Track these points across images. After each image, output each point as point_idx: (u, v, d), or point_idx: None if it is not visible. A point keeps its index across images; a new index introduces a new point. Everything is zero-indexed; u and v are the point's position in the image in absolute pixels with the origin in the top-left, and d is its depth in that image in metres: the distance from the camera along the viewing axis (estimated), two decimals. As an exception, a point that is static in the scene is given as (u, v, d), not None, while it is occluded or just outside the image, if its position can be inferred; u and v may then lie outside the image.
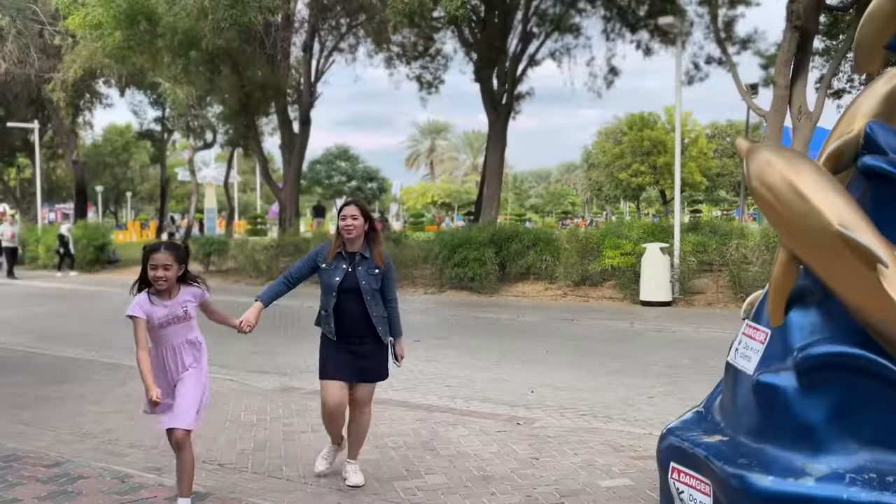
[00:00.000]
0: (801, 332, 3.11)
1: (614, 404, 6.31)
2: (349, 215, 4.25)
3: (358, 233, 4.25)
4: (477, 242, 15.34)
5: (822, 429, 2.86)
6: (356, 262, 4.25)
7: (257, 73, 20.20)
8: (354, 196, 54.85)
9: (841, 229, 2.77)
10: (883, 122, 3.36)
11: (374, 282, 4.25)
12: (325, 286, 4.27)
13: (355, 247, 4.27)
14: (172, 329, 3.82)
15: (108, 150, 49.19)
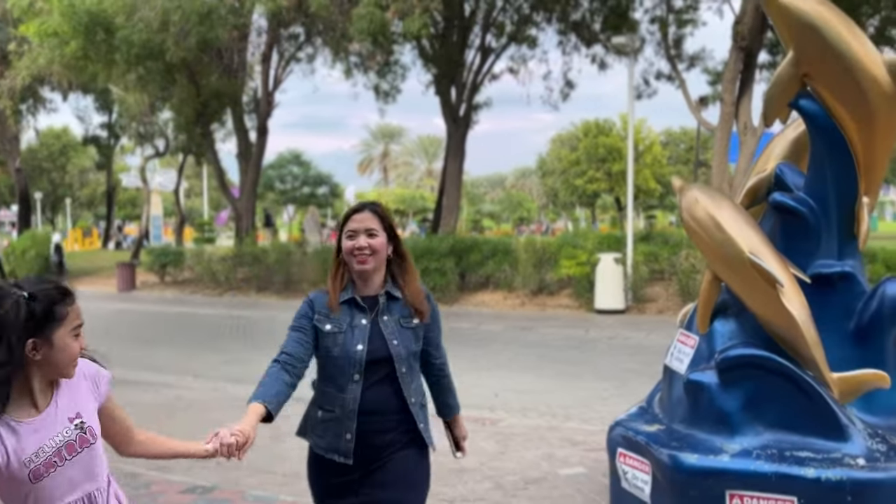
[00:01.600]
0: (722, 338, 3.91)
1: (572, 405, 7.09)
2: (363, 230, 2.59)
3: (379, 261, 2.62)
4: (437, 253, 16.06)
5: (736, 416, 3.65)
6: (380, 309, 2.63)
7: (214, 83, 20.63)
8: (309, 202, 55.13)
9: (750, 256, 3.56)
10: (791, 163, 4.20)
11: (412, 341, 2.66)
12: (334, 361, 2.60)
13: (374, 285, 2.65)
14: (61, 475, 1.95)
15: (45, 154, 48.41)
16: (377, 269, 2.64)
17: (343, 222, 2.67)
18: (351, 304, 2.63)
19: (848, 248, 3.92)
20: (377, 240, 2.60)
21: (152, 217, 38.62)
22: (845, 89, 3.64)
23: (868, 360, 3.76)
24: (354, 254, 2.58)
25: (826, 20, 3.60)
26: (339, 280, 2.66)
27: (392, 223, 2.70)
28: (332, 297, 2.63)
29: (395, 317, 2.65)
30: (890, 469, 3.35)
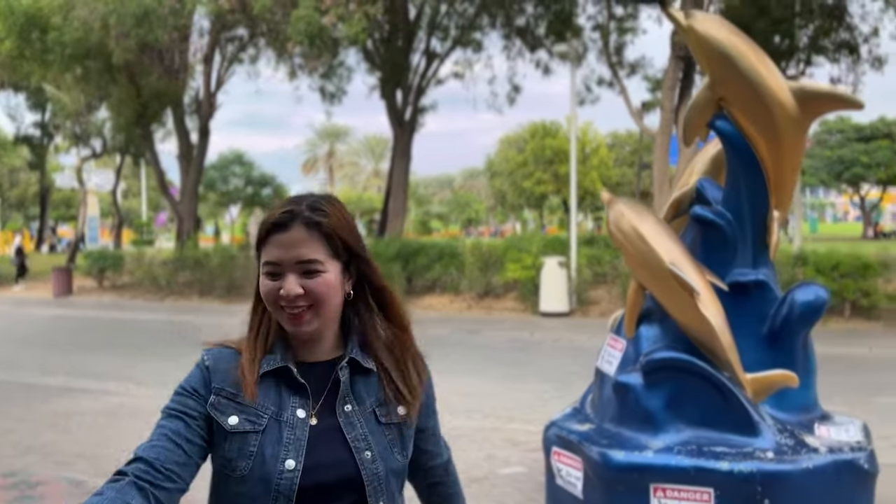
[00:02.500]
0: (647, 342, 4.26)
1: (514, 406, 7.41)
2: (292, 262, 1.44)
3: (327, 317, 1.49)
4: (384, 257, 16.28)
5: (659, 415, 3.99)
6: (339, 392, 1.51)
7: (154, 83, 20.48)
8: (252, 203, 54.57)
9: (670, 266, 3.91)
10: (711, 178, 4.58)
11: (398, 449, 1.56)
12: (239, 487, 1.44)
13: (324, 346, 1.54)
14: None
15: (-33, 152, 47.05)
16: (326, 326, 1.49)
17: (258, 243, 1.47)
18: (280, 381, 1.47)
19: (761, 258, 4.30)
20: (321, 279, 1.42)
21: (88, 219, 37.91)
22: (756, 112, 4.01)
23: (780, 361, 4.14)
24: (282, 306, 1.42)
25: (739, 49, 3.98)
26: (262, 339, 1.50)
27: (351, 237, 1.48)
28: (247, 368, 1.45)
29: (365, 405, 1.50)
30: (796, 461, 3.72)
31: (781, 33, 18.36)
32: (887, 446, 5.71)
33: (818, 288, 4.23)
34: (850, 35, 20.09)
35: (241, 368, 1.47)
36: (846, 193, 49.41)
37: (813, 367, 4.39)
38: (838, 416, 4.37)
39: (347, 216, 1.54)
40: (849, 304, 12.75)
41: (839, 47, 20.03)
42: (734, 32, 4.04)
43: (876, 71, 20.24)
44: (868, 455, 3.80)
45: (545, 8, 20.27)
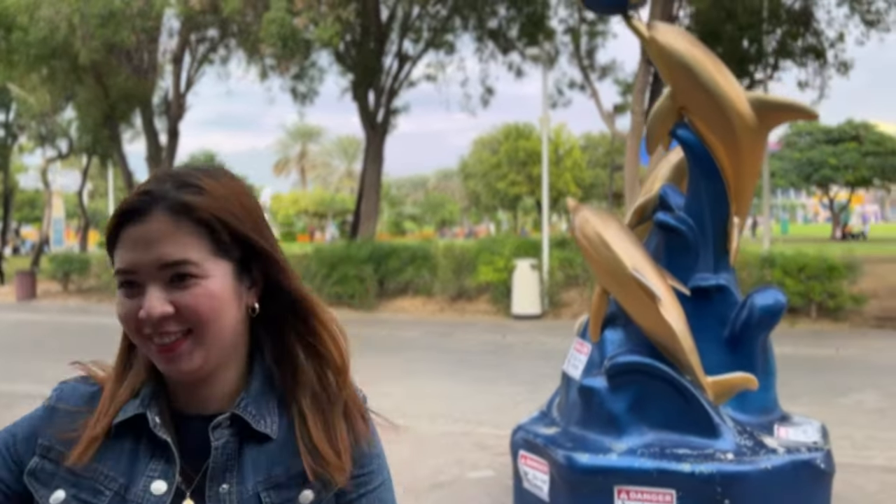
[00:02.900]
0: (611, 346, 4.36)
1: (485, 410, 7.50)
2: (154, 265, 0.96)
3: (214, 338, 0.99)
4: (356, 259, 16.31)
5: (623, 418, 4.09)
6: (212, 469, 1.00)
7: (123, 84, 20.32)
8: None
9: (633, 272, 4.01)
10: (674, 185, 4.70)
11: None
12: None
13: (220, 391, 1.04)
14: None
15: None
16: (223, 364, 1.04)
17: (108, 243, 1.03)
18: (140, 439, 1.03)
19: (722, 263, 4.42)
20: (199, 290, 0.98)
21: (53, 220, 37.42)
22: (715, 122, 4.14)
23: (740, 364, 4.27)
24: (147, 334, 0.99)
25: (698, 60, 4.10)
26: (130, 376, 1.07)
27: (244, 223, 1.03)
28: (94, 418, 1.03)
29: (246, 486, 1.02)
30: (755, 462, 3.84)
31: (750, 38, 18.67)
32: (849, 446, 5.88)
33: (776, 292, 4.37)
34: (816, 40, 20.49)
35: (91, 418, 1.02)
36: (816, 195, 50.23)
37: (772, 370, 4.53)
38: (797, 417, 4.51)
39: (240, 192, 1.03)
40: (815, 305, 13.02)
41: (806, 52, 20.42)
42: (694, 44, 4.17)
43: (842, 75, 20.67)
44: (825, 455, 3.93)
45: (517, 10, 20.43)
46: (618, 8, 4.34)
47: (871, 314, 13.19)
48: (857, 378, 8.93)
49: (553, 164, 49.89)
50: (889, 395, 7.95)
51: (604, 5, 4.44)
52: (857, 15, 20.21)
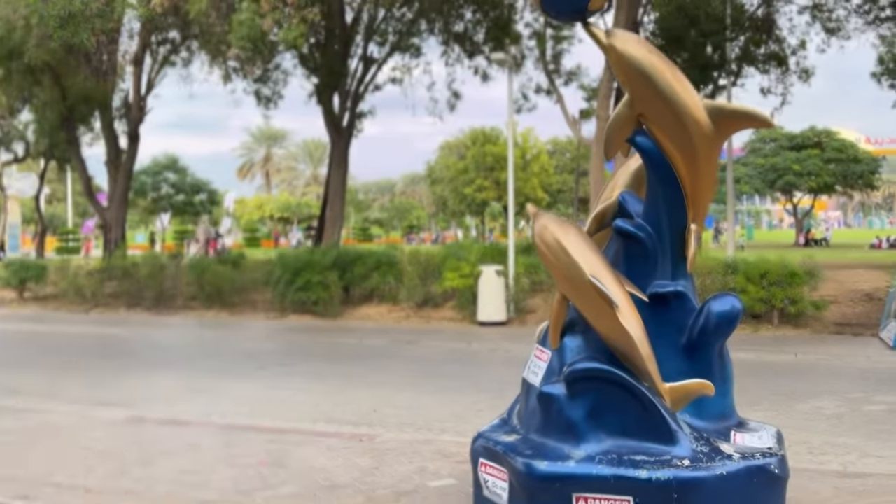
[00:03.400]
0: (570, 353, 4.40)
1: (447, 418, 7.50)
2: None
3: None
4: (320, 266, 16.23)
5: (582, 425, 4.13)
6: None
7: (81, 85, 20.02)
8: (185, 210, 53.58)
9: (591, 278, 4.05)
10: (633, 192, 4.76)
11: None
12: None
13: None
14: None
15: None
16: None
17: None
18: None
19: (680, 270, 4.49)
20: None
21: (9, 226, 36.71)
22: (673, 129, 4.19)
23: (697, 370, 4.33)
24: None
25: (657, 68, 4.15)
26: None
27: None
28: None
29: None
30: (710, 468, 3.89)
31: (713, 45, 18.96)
32: (805, 451, 5.99)
33: (733, 299, 4.44)
34: (778, 47, 20.89)
35: None
36: (780, 201, 51.11)
37: (729, 376, 4.59)
38: (753, 423, 4.58)
39: None
40: (777, 311, 13.24)
41: (768, 59, 20.80)
42: (652, 51, 4.22)
43: (803, 83, 21.09)
44: (779, 460, 4.00)
45: (483, 14, 20.55)
46: (577, 15, 4.38)
47: (831, 320, 13.45)
48: (815, 384, 9.10)
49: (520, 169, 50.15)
50: (847, 400, 8.11)
51: (563, 12, 4.47)
52: (818, 23, 20.67)
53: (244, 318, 17.00)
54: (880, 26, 20.17)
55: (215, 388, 9.28)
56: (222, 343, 13.39)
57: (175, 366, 10.97)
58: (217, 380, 9.82)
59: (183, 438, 6.71)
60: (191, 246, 36.79)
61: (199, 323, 16.38)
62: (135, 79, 22.14)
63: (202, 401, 8.53)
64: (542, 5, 4.32)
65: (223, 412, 7.94)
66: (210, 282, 17.82)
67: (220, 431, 7.01)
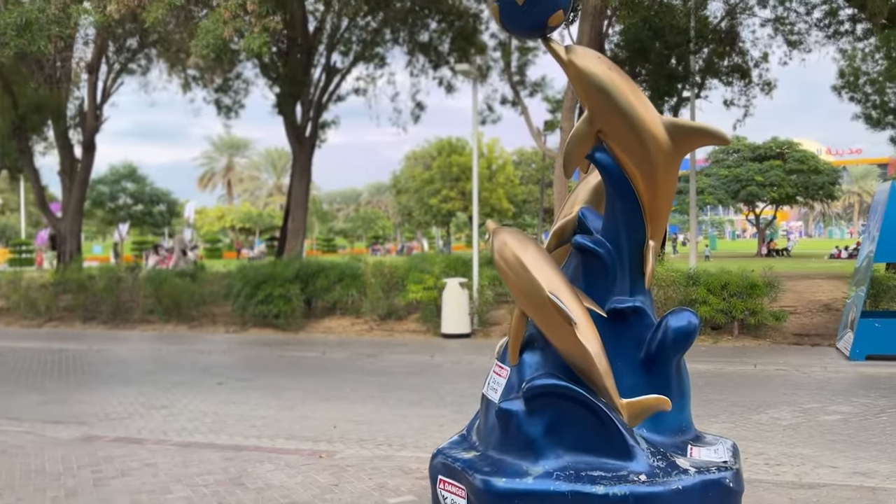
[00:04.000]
0: (529, 369, 4.44)
1: (408, 433, 7.51)
2: None
3: None
4: (282, 278, 16.13)
5: (540, 441, 4.17)
6: None
7: (33, 93, 19.70)
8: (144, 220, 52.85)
9: (549, 295, 4.10)
10: (592, 208, 4.83)
11: None
12: None
13: None
14: None
15: None
16: None
17: None
18: None
19: (638, 285, 4.55)
20: None
21: (-41, 237, 35.95)
22: (631, 145, 4.26)
23: (654, 385, 4.39)
24: None
25: (616, 84, 4.22)
26: None
27: None
28: None
29: None
30: (666, 483, 3.95)
31: (677, 57, 19.29)
32: (762, 463, 6.10)
33: (689, 314, 4.51)
34: (741, 59, 21.32)
35: None
36: (743, 212, 52.00)
37: (687, 390, 4.66)
38: (709, 437, 4.66)
39: None
40: (738, 322, 13.47)
41: (732, 71, 21.22)
42: (612, 68, 4.30)
43: (766, 95, 21.54)
44: (734, 474, 4.07)
45: (449, 25, 20.67)
46: (537, 31, 4.43)
47: (791, 331, 13.72)
48: (774, 395, 9.28)
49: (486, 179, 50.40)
50: (803, 411, 8.28)
51: (522, 28, 4.52)
52: (780, 36, 21.16)
53: (203, 331, 16.82)
54: (839, 40, 20.71)
55: (173, 404, 9.18)
56: (181, 358, 13.24)
57: (131, 381, 10.82)
58: (175, 395, 9.71)
59: (138, 457, 6.63)
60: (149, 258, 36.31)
61: (157, 337, 16.17)
62: (90, 87, 21.83)
63: (159, 417, 8.43)
64: (501, 21, 4.37)
65: (180, 429, 7.86)
66: (168, 295, 17.62)
67: (176, 449, 6.94)
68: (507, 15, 4.30)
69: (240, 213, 72.41)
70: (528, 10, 4.16)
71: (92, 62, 21.49)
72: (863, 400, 8.88)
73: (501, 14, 4.24)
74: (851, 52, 21.62)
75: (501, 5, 4.17)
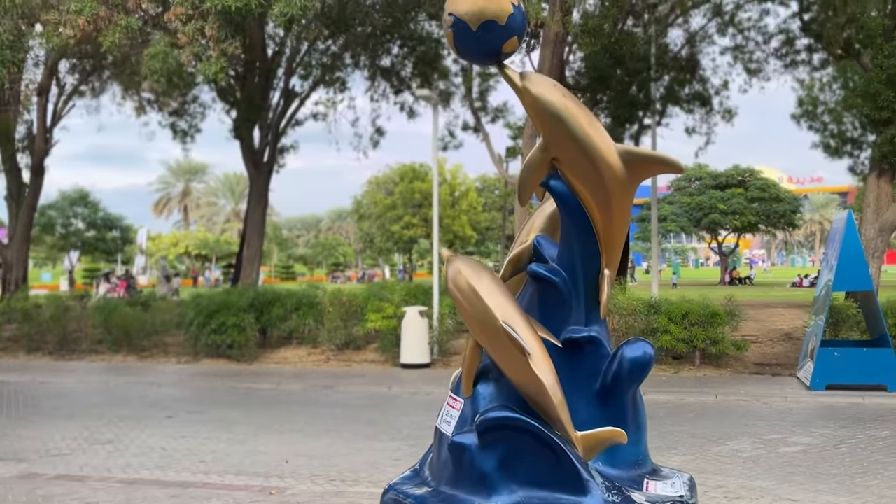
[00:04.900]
0: (483, 401, 4.40)
1: (362, 468, 7.40)
2: None
3: None
4: (236, 307, 15.90)
5: (493, 476, 4.12)
6: None
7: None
8: (97, 246, 51.95)
9: (503, 324, 4.08)
10: (548, 236, 4.84)
11: None
12: None
13: None
14: None
15: None
16: None
17: None
18: None
19: (594, 315, 4.54)
20: None
21: None
22: (586, 173, 4.29)
23: (610, 417, 4.37)
24: None
25: (570, 111, 4.24)
26: None
27: None
28: None
29: None
30: (621, 517, 3.94)
31: (638, 84, 19.63)
32: (721, 496, 6.11)
33: (645, 344, 4.52)
34: (702, 87, 21.77)
35: None
36: (705, 240, 52.81)
37: (643, 423, 4.65)
38: (666, 470, 4.65)
39: None
40: (699, 352, 13.59)
41: (692, 99, 21.65)
42: (566, 95, 4.33)
43: (727, 122, 22.00)
44: (689, 509, 4.07)
45: (410, 50, 20.78)
46: (491, 57, 4.44)
47: (752, 360, 13.87)
48: (734, 426, 9.34)
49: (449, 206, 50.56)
50: (763, 442, 8.34)
51: (477, 54, 4.52)
52: (739, 64, 21.66)
53: (154, 362, 16.49)
54: (797, 69, 21.26)
55: (119, 438, 8.95)
56: (129, 390, 12.95)
57: (76, 415, 10.54)
58: (121, 429, 9.47)
59: (79, 496, 6.43)
60: (100, 286, 35.65)
61: (106, 368, 15.81)
62: (40, 109, 21.48)
63: (103, 453, 8.21)
64: (455, 47, 4.38)
65: (125, 465, 7.65)
66: (118, 324, 17.26)
67: (120, 487, 6.75)
68: (461, 41, 4.31)
69: (195, 239, 71.58)
70: (483, 37, 4.16)
71: (42, 84, 21.17)
72: (822, 431, 8.97)
73: (456, 40, 4.24)
74: (809, 81, 22.20)
75: (455, 31, 4.17)
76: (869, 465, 7.32)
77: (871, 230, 15.30)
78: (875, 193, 15.51)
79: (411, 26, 19.84)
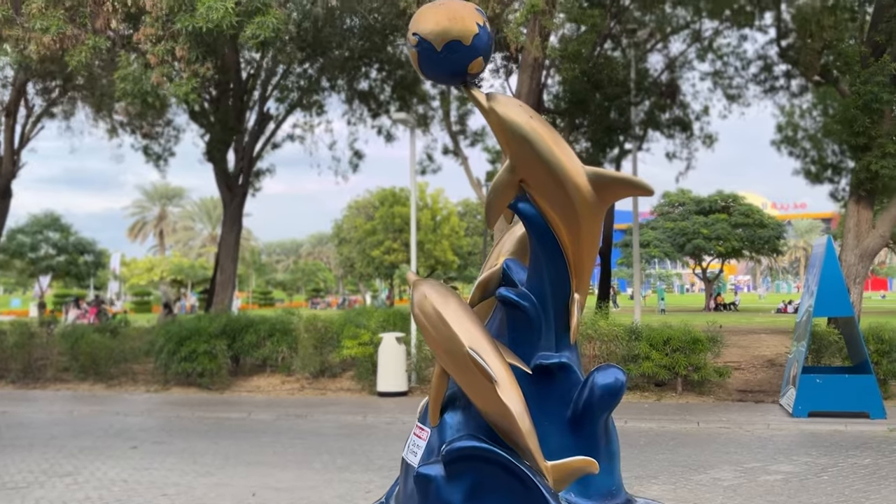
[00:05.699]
0: (450, 430, 4.32)
1: (332, 501, 7.26)
2: None
3: None
4: (207, 334, 15.71)
5: (459, 508, 4.04)
6: None
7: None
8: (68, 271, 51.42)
9: (469, 351, 4.02)
10: (518, 259, 4.79)
11: None
12: None
13: None
14: None
15: None
16: None
17: None
18: None
19: (564, 340, 4.49)
20: None
21: None
22: (554, 195, 4.25)
23: (582, 446, 4.30)
24: None
25: (537, 133, 4.22)
26: None
27: None
28: None
29: None
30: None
31: (618, 109, 19.76)
32: (699, 527, 6.04)
33: (616, 370, 4.46)
34: (682, 112, 21.96)
35: None
36: (689, 265, 53.05)
37: (616, 451, 4.59)
38: (641, 500, 4.57)
39: None
40: (681, 378, 13.56)
41: (673, 124, 21.83)
42: (534, 116, 4.30)
43: (707, 147, 22.17)
44: (663, 541, 4.00)
45: (388, 73, 20.84)
46: (457, 78, 4.42)
47: (735, 387, 13.87)
48: (716, 454, 9.29)
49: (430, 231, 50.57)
50: (745, 470, 8.29)
51: (442, 75, 4.50)
52: (719, 89, 21.89)
53: (122, 391, 16.24)
54: (776, 95, 21.51)
55: (79, 471, 8.75)
56: (94, 420, 12.71)
57: (35, 446, 10.31)
58: (82, 461, 9.27)
59: (32, 531, 6.26)
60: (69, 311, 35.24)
61: (71, 397, 15.54)
62: (7, 131, 21.27)
63: (61, 486, 8.01)
64: (420, 68, 4.36)
65: (83, 499, 7.47)
66: (85, 351, 16.99)
67: (76, 522, 6.58)
68: (425, 62, 4.28)
69: (171, 264, 71.02)
70: (447, 57, 4.13)
71: (9, 105, 21.01)
72: (804, 458, 8.94)
73: (420, 61, 4.22)
74: (789, 107, 22.46)
75: (420, 51, 4.15)
76: (850, 494, 7.28)
77: (851, 256, 15.40)
78: (855, 219, 15.64)
79: (389, 50, 19.91)
